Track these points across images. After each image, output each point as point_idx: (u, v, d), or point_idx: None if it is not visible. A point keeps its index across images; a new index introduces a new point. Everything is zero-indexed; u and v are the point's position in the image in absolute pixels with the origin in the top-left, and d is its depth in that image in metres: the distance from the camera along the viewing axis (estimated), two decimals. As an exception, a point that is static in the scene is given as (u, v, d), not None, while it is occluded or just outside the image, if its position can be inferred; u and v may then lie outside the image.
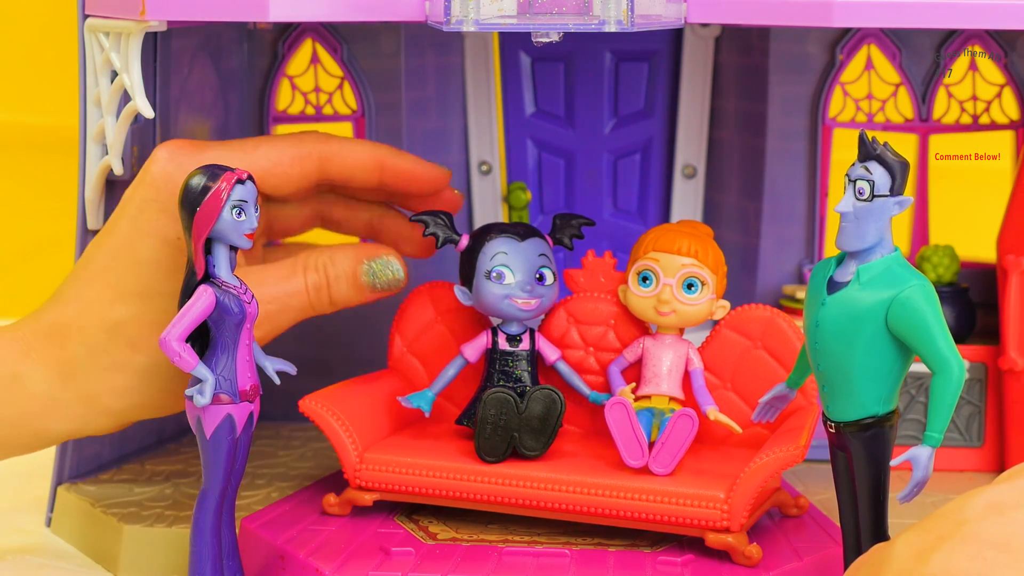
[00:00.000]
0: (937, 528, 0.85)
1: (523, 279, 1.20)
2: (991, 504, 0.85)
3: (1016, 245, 1.34)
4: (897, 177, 0.99)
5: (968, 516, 0.85)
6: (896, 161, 0.99)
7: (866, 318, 0.99)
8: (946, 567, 0.82)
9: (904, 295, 0.98)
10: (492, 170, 1.53)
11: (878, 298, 0.98)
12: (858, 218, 0.99)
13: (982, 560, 0.81)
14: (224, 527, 1.10)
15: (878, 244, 1.00)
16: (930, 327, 0.97)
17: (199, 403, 1.06)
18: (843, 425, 1.01)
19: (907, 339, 0.98)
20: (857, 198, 0.99)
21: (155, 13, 1.14)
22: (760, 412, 1.13)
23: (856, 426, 1.01)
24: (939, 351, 0.97)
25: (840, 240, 1.00)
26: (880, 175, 0.99)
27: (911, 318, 0.98)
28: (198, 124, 1.40)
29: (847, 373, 1.00)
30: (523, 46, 1.51)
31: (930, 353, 0.98)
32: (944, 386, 0.97)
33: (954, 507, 0.86)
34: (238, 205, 1.06)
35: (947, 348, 0.98)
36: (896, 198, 0.99)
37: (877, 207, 0.99)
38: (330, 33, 1.46)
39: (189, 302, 1.06)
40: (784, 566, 1.11)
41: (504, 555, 1.12)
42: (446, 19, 1.11)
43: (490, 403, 1.16)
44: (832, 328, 1.00)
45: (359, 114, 1.47)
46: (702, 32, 1.48)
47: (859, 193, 0.99)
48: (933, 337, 0.97)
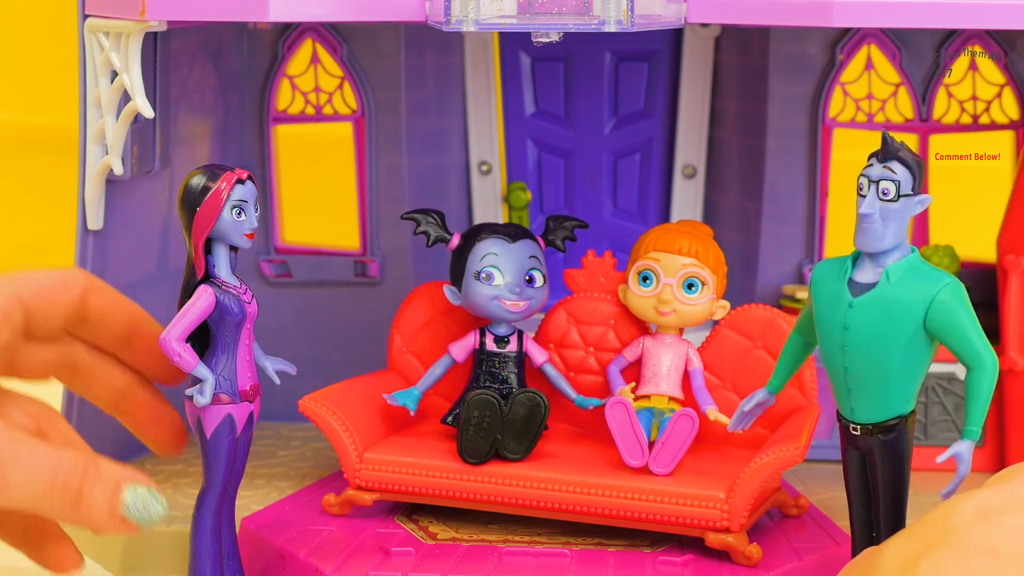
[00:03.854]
0: (925, 535, 0.85)
1: (512, 281, 1.20)
2: (980, 510, 0.85)
3: (1016, 245, 1.34)
4: (917, 176, 0.99)
5: (956, 523, 0.84)
6: (915, 160, 0.99)
7: (904, 318, 0.99)
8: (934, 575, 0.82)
9: (942, 295, 0.98)
10: (492, 170, 1.53)
11: (914, 298, 0.98)
12: (883, 218, 0.99)
13: (969, 568, 0.81)
14: (224, 527, 1.10)
15: (899, 245, 1.00)
16: (965, 325, 0.98)
17: (199, 403, 1.06)
18: (871, 427, 1.01)
19: (944, 337, 0.99)
20: (881, 199, 0.99)
21: (155, 13, 1.14)
22: (737, 421, 1.11)
23: (882, 427, 1.01)
24: (974, 347, 0.98)
25: (862, 241, 1.00)
26: (903, 174, 0.99)
27: (949, 317, 0.98)
28: (198, 124, 1.40)
29: (882, 374, 1.00)
30: (523, 46, 1.51)
31: (966, 350, 0.98)
32: (980, 380, 0.98)
33: (942, 513, 0.86)
34: (238, 205, 1.06)
35: (981, 343, 0.98)
36: (918, 197, 0.99)
37: (901, 207, 0.99)
38: (330, 33, 1.46)
39: (189, 302, 1.06)
40: (784, 566, 1.11)
41: (504, 555, 1.12)
42: (446, 19, 1.11)
43: (473, 404, 1.16)
44: (865, 330, 1.00)
45: (359, 114, 1.47)
46: (702, 32, 1.48)
47: (883, 194, 0.99)
48: (968, 334, 0.98)
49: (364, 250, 1.48)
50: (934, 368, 1.37)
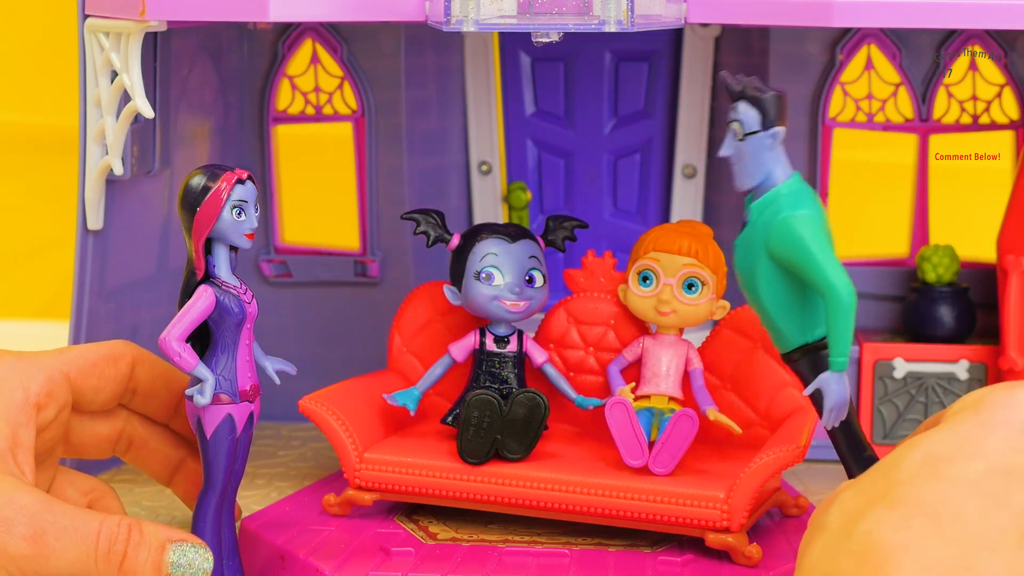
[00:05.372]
0: (870, 489, 0.83)
1: (512, 281, 1.20)
2: (927, 458, 0.82)
3: (1016, 245, 1.34)
4: (768, 111, 0.99)
5: (903, 475, 0.82)
6: (763, 96, 0.99)
7: (757, 249, 0.99)
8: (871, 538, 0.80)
9: (779, 221, 0.98)
10: (492, 170, 1.53)
11: (762, 227, 0.99)
12: (739, 159, 1.00)
13: (909, 530, 0.79)
14: (224, 527, 1.10)
15: (766, 179, 1.00)
16: (810, 251, 0.97)
17: (199, 403, 1.06)
18: (784, 357, 1.02)
19: (792, 266, 0.98)
20: (734, 139, 1.00)
21: (155, 13, 1.14)
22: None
23: (788, 358, 1.02)
24: (823, 274, 0.97)
25: (735, 183, 1.01)
26: (747, 114, 0.99)
27: (789, 244, 0.98)
28: (198, 124, 1.40)
29: (763, 310, 1.01)
30: (523, 46, 1.51)
31: (815, 278, 0.97)
32: (835, 309, 0.96)
33: (892, 461, 0.84)
34: (238, 205, 1.06)
35: (832, 271, 0.96)
36: (769, 131, 0.99)
37: (751, 145, 0.99)
38: (330, 33, 1.46)
39: (189, 302, 1.06)
40: (784, 566, 1.11)
41: (504, 555, 1.12)
42: (446, 19, 1.11)
43: (473, 405, 1.16)
44: (740, 269, 1.01)
45: (359, 114, 1.47)
46: (702, 32, 1.48)
47: (733, 134, 1.00)
48: (815, 261, 0.97)
49: (364, 250, 1.48)
50: (934, 368, 1.37)
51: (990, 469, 0.81)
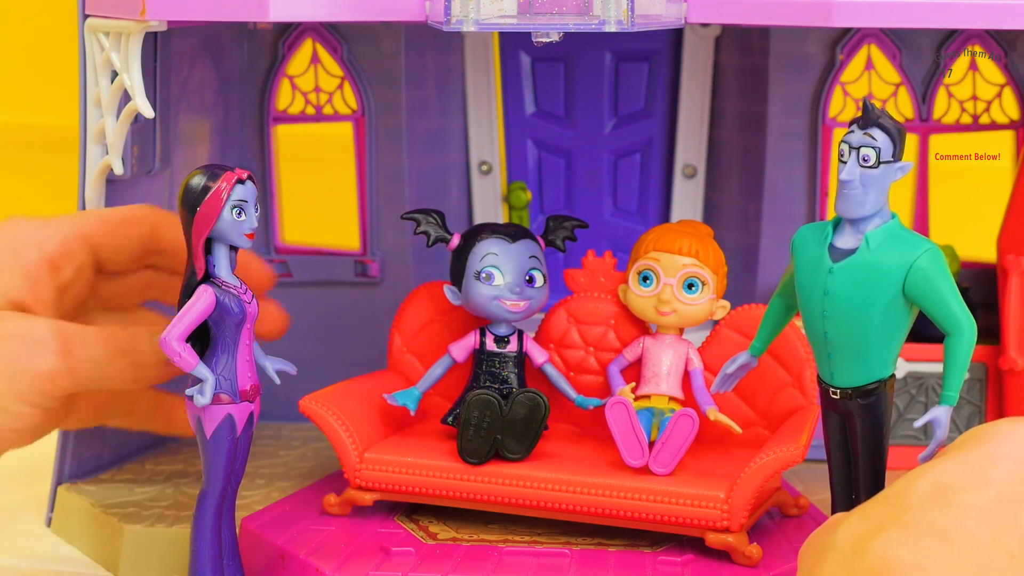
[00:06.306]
0: (879, 514, 0.84)
1: (512, 281, 1.20)
2: (936, 486, 0.84)
3: (1016, 245, 1.34)
4: (898, 143, 0.99)
5: (912, 501, 0.84)
6: (896, 127, 1.00)
7: (884, 284, 0.99)
8: (884, 556, 0.81)
9: (921, 261, 0.99)
10: (492, 170, 1.53)
11: (893, 263, 0.99)
12: (864, 185, 1.00)
13: (920, 550, 0.80)
14: (224, 527, 1.10)
15: (879, 211, 1.00)
16: (943, 290, 0.99)
17: (199, 403, 1.06)
18: (851, 391, 1.02)
19: (922, 303, 0.99)
20: (862, 165, 0.99)
21: (155, 13, 1.14)
22: (720, 383, 1.14)
23: (861, 391, 1.02)
24: (952, 312, 0.99)
25: (842, 207, 1.00)
26: (884, 141, 0.99)
27: (928, 283, 0.99)
28: (198, 124, 1.40)
29: (861, 339, 1.01)
30: (523, 46, 1.51)
31: (944, 315, 0.99)
32: (958, 345, 0.99)
33: (900, 489, 0.85)
34: (238, 205, 1.06)
35: (959, 309, 0.99)
36: (898, 164, 1.00)
37: (882, 173, 0.99)
38: (330, 33, 1.46)
39: (189, 302, 1.06)
40: (784, 566, 1.11)
41: (504, 555, 1.12)
42: (446, 19, 1.11)
43: (473, 404, 1.16)
44: (846, 295, 1.00)
45: (359, 114, 1.47)
46: (702, 32, 1.48)
47: (863, 160, 0.99)
48: (947, 300, 0.99)
49: (364, 250, 1.48)
50: (934, 368, 1.37)
51: (999, 497, 0.83)
